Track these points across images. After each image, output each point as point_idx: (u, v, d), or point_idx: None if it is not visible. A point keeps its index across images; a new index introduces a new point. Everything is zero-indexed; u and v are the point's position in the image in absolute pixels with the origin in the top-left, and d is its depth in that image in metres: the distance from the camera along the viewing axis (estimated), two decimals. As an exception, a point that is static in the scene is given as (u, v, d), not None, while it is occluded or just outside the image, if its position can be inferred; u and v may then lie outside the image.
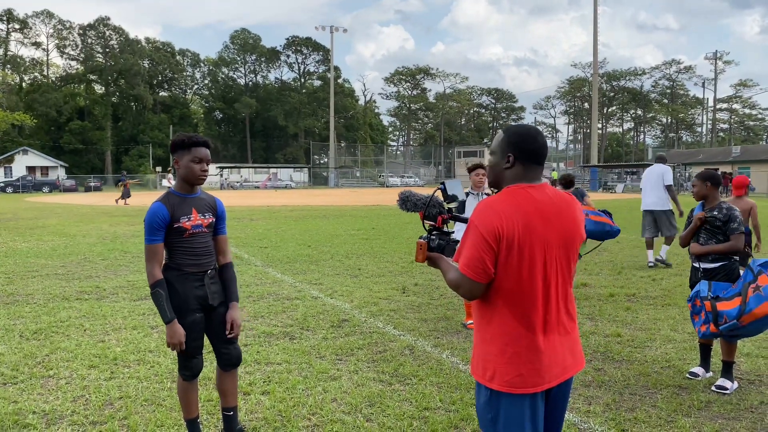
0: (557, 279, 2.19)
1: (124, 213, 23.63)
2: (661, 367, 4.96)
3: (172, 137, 3.30)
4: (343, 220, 19.80)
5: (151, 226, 3.16)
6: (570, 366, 2.25)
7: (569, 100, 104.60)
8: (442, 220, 2.37)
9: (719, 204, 4.75)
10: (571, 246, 2.22)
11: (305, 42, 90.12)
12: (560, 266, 2.20)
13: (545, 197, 2.20)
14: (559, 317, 2.21)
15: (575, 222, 2.24)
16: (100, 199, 38.64)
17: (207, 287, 3.31)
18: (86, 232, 16.15)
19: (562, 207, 2.22)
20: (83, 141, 73.83)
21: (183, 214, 3.22)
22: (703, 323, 4.31)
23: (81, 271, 9.77)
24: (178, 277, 3.24)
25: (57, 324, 6.32)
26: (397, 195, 2.48)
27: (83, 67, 77.95)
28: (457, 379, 4.63)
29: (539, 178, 2.24)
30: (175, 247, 3.23)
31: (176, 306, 3.21)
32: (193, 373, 3.36)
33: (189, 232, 3.24)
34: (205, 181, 3.28)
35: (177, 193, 3.28)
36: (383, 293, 7.97)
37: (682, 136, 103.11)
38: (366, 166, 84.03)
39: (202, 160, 3.22)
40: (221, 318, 3.39)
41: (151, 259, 3.17)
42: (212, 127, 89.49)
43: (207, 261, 3.33)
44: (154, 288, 3.15)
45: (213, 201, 3.42)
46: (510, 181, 2.23)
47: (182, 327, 3.19)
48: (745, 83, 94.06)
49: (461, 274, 2.16)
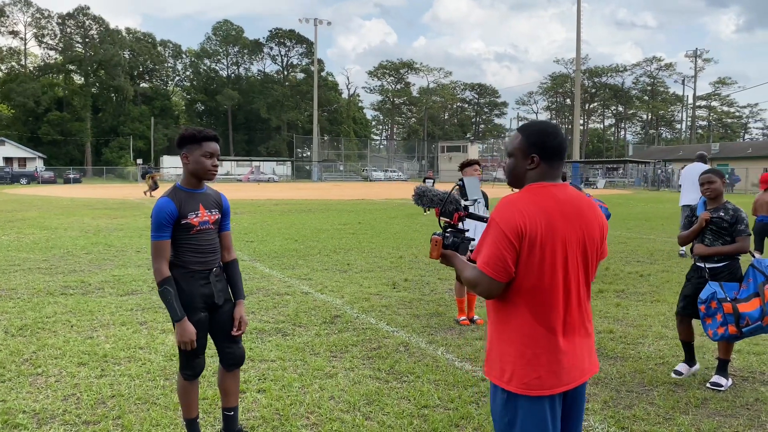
0: (578, 280, 2.16)
1: (106, 206, 23.30)
2: (656, 363, 4.98)
3: (180, 131, 3.18)
4: (328, 215, 19.71)
5: (159, 222, 3.07)
6: (588, 368, 2.23)
7: (551, 96, 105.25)
8: (458, 218, 2.33)
9: (725, 204, 4.65)
10: (590, 247, 2.19)
11: (288, 34, 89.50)
12: (580, 267, 2.17)
13: (567, 197, 2.17)
14: (580, 318, 2.19)
15: (596, 223, 2.22)
16: (80, 191, 38.09)
17: (213, 285, 3.24)
18: (68, 225, 15.88)
19: (583, 208, 2.19)
20: (62, 132, 72.66)
21: (190, 210, 3.14)
22: (720, 325, 4.24)
23: (64, 265, 9.60)
24: (184, 275, 3.16)
25: (43, 320, 6.19)
26: (413, 189, 2.44)
27: (62, 57, 76.56)
28: (454, 377, 4.60)
29: (560, 175, 2.21)
30: (181, 244, 3.15)
31: (182, 305, 3.13)
32: (195, 372, 3.29)
33: (196, 228, 3.16)
34: (215, 176, 3.20)
35: (184, 188, 3.19)
36: (374, 289, 7.93)
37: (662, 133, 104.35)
38: (349, 160, 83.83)
39: (213, 154, 3.15)
40: (226, 316, 3.32)
41: (158, 257, 3.09)
42: (194, 119, 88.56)
43: (213, 258, 3.26)
44: (163, 286, 3.07)
45: (218, 196, 3.34)
46: (533, 180, 2.19)
47: (194, 329, 3.12)
48: (724, 81, 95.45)
49: (480, 272, 2.12)
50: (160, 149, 76.13)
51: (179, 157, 3.21)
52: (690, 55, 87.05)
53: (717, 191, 4.65)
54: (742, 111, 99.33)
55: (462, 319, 6.22)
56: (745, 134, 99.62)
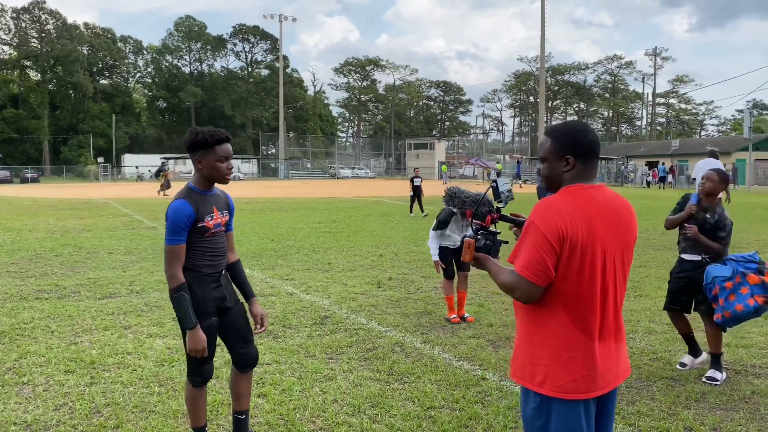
0: (615, 284, 2.15)
1: (70, 206, 22.64)
2: (650, 359, 5.05)
3: (189, 134, 3.03)
4: (302, 213, 19.53)
5: (176, 226, 2.95)
6: (622, 372, 2.22)
7: (515, 94, 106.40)
8: (491, 220, 2.29)
9: (715, 207, 4.72)
10: (627, 250, 2.18)
11: (252, 30, 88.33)
12: (618, 271, 2.16)
13: (605, 199, 2.15)
14: (615, 322, 2.18)
15: (632, 226, 2.21)
16: (40, 191, 36.96)
17: (224, 288, 3.19)
18: (32, 226, 15.37)
19: (620, 210, 2.18)
20: (18, 130, 70.27)
21: (207, 212, 3.06)
22: (750, 297, 4.24)
23: (34, 268, 9.27)
24: (196, 279, 3.06)
25: (20, 326, 5.95)
26: (444, 191, 2.39)
27: (17, 53, 74.00)
28: (455, 376, 4.58)
29: (596, 175, 2.19)
30: (195, 248, 3.04)
31: (194, 309, 3.03)
32: (204, 379, 3.19)
33: (211, 231, 3.08)
34: (230, 179, 3.10)
35: (198, 190, 3.09)
36: (359, 288, 7.86)
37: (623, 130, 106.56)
38: (316, 158, 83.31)
39: (228, 157, 3.05)
40: (237, 317, 3.26)
41: (173, 262, 2.97)
42: (155, 116, 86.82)
43: (222, 261, 3.20)
44: (178, 292, 2.96)
45: (226, 197, 3.27)
46: (570, 182, 2.17)
47: (205, 336, 3.03)
48: (682, 79, 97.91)
49: (519, 276, 2.08)
50: (121, 147, 74.36)
51: (191, 161, 3.10)
52: (649, 54, 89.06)
53: (712, 190, 4.71)
54: (698, 108, 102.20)
55: (453, 317, 6.21)
56: (702, 131, 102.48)
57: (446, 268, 6.22)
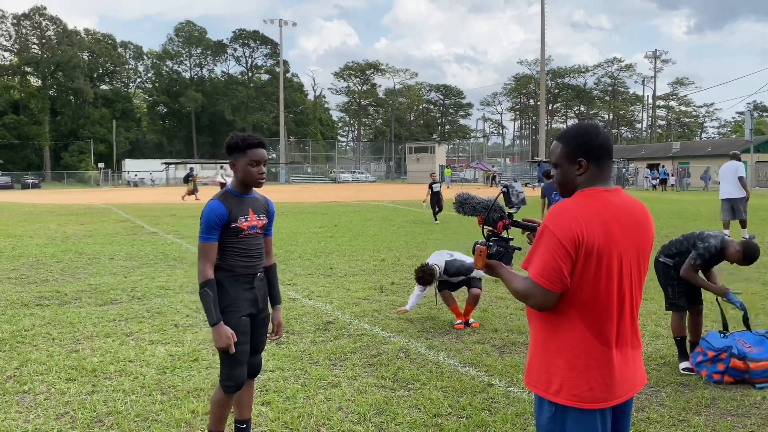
0: (631, 290, 2.10)
1: (71, 212, 22.60)
2: (657, 364, 4.99)
3: (228, 138, 3.16)
4: (302, 218, 19.48)
5: (208, 224, 3.05)
6: (638, 381, 2.17)
7: (515, 97, 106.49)
8: (503, 226, 2.23)
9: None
10: (643, 256, 2.13)
11: (252, 35, 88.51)
12: (634, 277, 2.10)
13: (621, 203, 2.10)
14: (632, 330, 2.13)
15: (650, 231, 2.16)
16: (40, 196, 36.93)
17: (257, 290, 3.21)
18: (33, 232, 15.32)
19: (637, 214, 2.12)
20: (18, 136, 70.38)
21: (241, 214, 3.11)
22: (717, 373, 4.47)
23: (35, 274, 9.22)
24: (229, 278, 3.11)
25: (21, 333, 5.90)
26: (454, 197, 2.33)
27: (18, 59, 74.21)
28: (461, 383, 4.52)
29: (611, 177, 2.14)
30: (228, 248, 3.11)
31: (224, 306, 3.06)
32: (237, 384, 3.16)
33: (245, 232, 3.12)
34: (263, 183, 3.16)
35: (235, 193, 3.17)
36: (361, 293, 7.81)
37: (623, 132, 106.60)
38: (317, 162, 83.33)
39: (260, 161, 3.11)
40: (258, 327, 3.26)
41: (203, 258, 3.04)
42: (156, 121, 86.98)
43: (258, 263, 3.21)
44: (203, 288, 3.01)
45: (266, 202, 3.32)
46: (584, 185, 2.11)
47: (230, 329, 3.04)
48: (682, 81, 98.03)
49: (533, 283, 2.02)
50: (121, 153, 74.43)
51: (228, 165, 3.21)
52: (649, 56, 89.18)
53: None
54: (698, 110, 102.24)
55: (457, 323, 6.15)
56: (702, 133, 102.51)
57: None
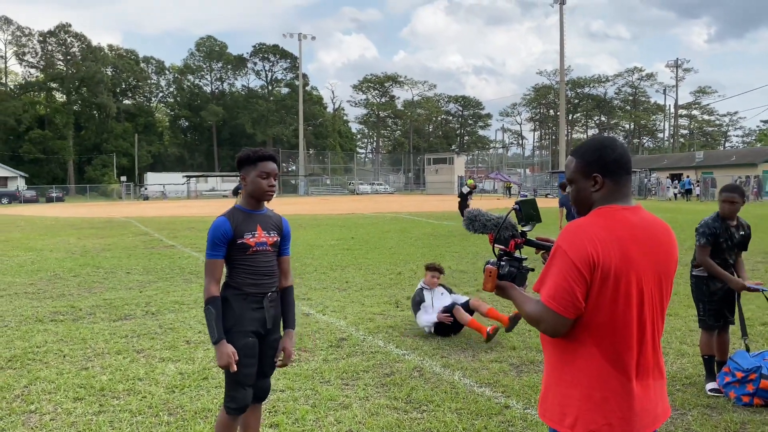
0: (652, 315, 1.94)
1: (91, 225, 22.82)
2: (683, 384, 4.78)
3: (239, 154, 3.13)
4: (320, 230, 19.42)
5: (213, 241, 3.01)
6: (660, 414, 2.00)
7: (534, 107, 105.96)
8: (515, 245, 2.10)
9: (739, 219, 4.76)
10: (666, 278, 1.97)
11: (272, 49, 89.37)
12: (656, 301, 1.95)
13: (641, 222, 1.95)
14: (654, 359, 1.97)
15: (672, 252, 2.00)
16: (63, 210, 37.43)
17: (266, 311, 3.10)
18: (53, 246, 15.45)
19: (659, 233, 1.97)
20: (44, 150, 71.68)
21: (247, 230, 3.04)
22: (746, 395, 4.30)
23: (52, 289, 9.24)
24: (236, 296, 3.03)
25: (33, 350, 5.86)
26: (464, 214, 2.20)
27: (43, 75, 75.75)
28: (476, 405, 4.36)
29: (629, 194, 2.00)
30: (236, 265, 3.05)
31: (229, 326, 2.98)
32: (240, 406, 3.06)
33: (252, 249, 3.04)
34: (273, 196, 3.09)
35: (243, 209, 3.11)
36: (376, 308, 7.67)
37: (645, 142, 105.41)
38: (336, 174, 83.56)
39: (270, 174, 3.05)
40: (267, 349, 3.16)
41: (209, 274, 2.99)
42: (178, 135, 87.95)
43: (268, 282, 3.11)
44: (207, 305, 2.95)
45: (279, 220, 3.23)
46: (600, 202, 1.97)
47: (234, 348, 2.95)
48: (704, 90, 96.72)
49: (545, 307, 1.88)
50: (143, 166, 75.38)
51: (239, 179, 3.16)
52: (670, 65, 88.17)
53: (736, 211, 4.67)
54: (722, 119, 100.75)
55: (489, 328, 5.90)
56: (726, 142, 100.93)
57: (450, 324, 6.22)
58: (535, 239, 2.18)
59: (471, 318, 6.08)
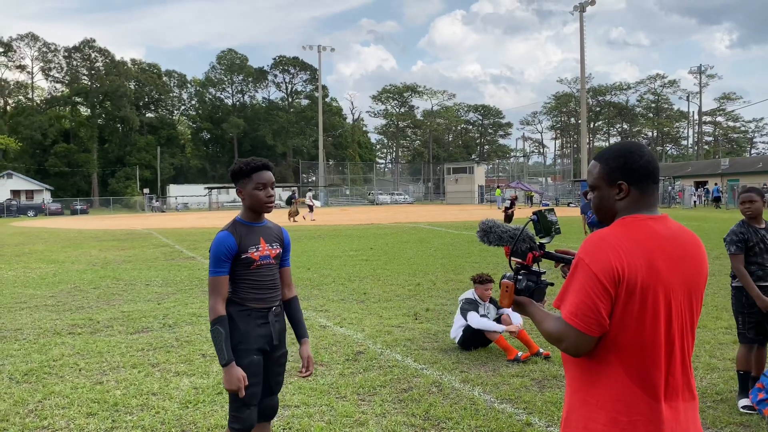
0: (682, 333, 1.80)
1: (113, 237, 23.04)
2: (713, 401, 4.58)
3: (231, 167, 3.08)
4: (338, 240, 19.36)
5: (217, 257, 2.90)
6: None
7: (555, 116, 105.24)
8: (533, 258, 1.97)
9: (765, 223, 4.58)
10: (695, 293, 1.83)
11: (292, 62, 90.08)
12: (686, 317, 1.81)
13: (669, 232, 1.81)
14: (684, 379, 1.82)
15: (702, 265, 1.86)
16: (87, 222, 37.92)
17: (271, 326, 3.01)
18: (75, 258, 15.59)
19: (688, 245, 1.83)
20: (69, 164, 72.90)
21: (251, 244, 2.96)
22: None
23: (72, 301, 9.26)
24: (240, 312, 2.94)
25: (49, 363, 5.84)
26: (478, 225, 2.08)
27: (69, 90, 77.17)
28: (497, 422, 4.21)
29: (657, 204, 1.87)
30: (239, 280, 2.95)
31: (234, 343, 2.88)
32: (244, 427, 2.97)
33: (256, 263, 2.96)
34: (273, 207, 3.00)
35: (244, 222, 3.02)
36: (395, 320, 7.55)
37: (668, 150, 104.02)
38: (355, 184, 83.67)
39: (266, 184, 2.96)
40: (274, 366, 3.07)
41: (214, 293, 2.88)
42: (200, 147, 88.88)
43: (273, 296, 3.03)
44: (214, 325, 2.85)
45: (279, 231, 3.15)
46: (625, 212, 1.85)
47: (244, 373, 2.85)
48: (729, 96, 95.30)
49: (566, 324, 1.76)
50: (166, 178, 76.26)
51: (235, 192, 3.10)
52: (693, 72, 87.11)
53: (758, 210, 4.51)
54: (747, 126, 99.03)
55: (520, 354, 5.70)
56: (752, 149, 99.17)
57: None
58: (555, 252, 2.05)
59: (500, 335, 5.91)
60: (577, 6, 59.85)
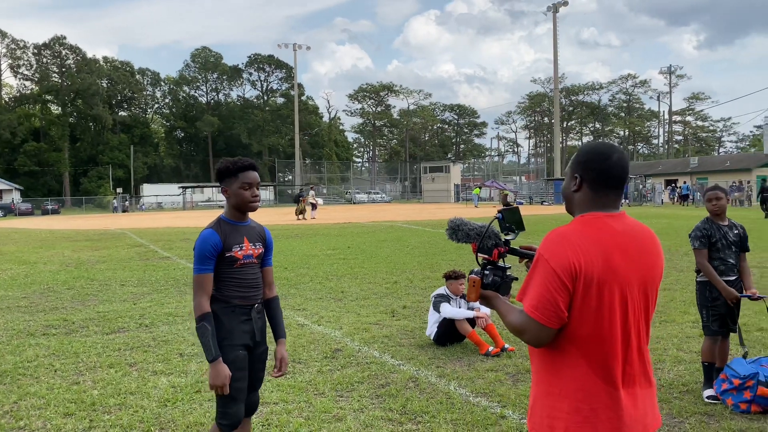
0: (638, 325, 1.91)
1: (86, 237, 22.72)
2: (680, 392, 4.74)
3: (218, 165, 3.11)
4: (316, 240, 19.36)
5: (202, 255, 2.93)
6: (650, 423, 1.96)
7: (529, 115, 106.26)
8: (499, 254, 2.07)
9: (731, 220, 4.77)
10: (651, 286, 1.95)
11: (267, 60, 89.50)
12: (640, 310, 1.92)
13: (626, 229, 1.92)
14: (641, 367, 1.93)
15: (658, 260, 1.97)
16: (59, 222, 37.28)
17: (254, 322, 3.06)
18: (47, 258, 15.36)
19: (644, 241, 1.94)
20: (39, 163, 71.44)
21: (235, 242, 3.00)
22: (744, 402, 4.25)
23: (45, 302, 9.16)
24: (224, 309, 2.99)
25: (24, 364, 5.79)
26: (447, 223, 2.17)
27: (38, 88, 75.65)
28: (472, 415, 4.31)
29: (616, 205, 1.97)
30: (223, 278, 2.99)
31: (220, 339, 2.93)
32: (232, 422, 3.01)
33: (240, 262, 3.00)
34: (258, 207, 3.05)
35: (229, 221, 3.06)
36: (372, 318, 7.63)
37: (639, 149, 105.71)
38: (332, 183, 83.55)
39: (252, 184, 3.01)
40: (256, 362, 3.12)
41: (199, 291, 2.93)
42: (174, 146, 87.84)
43: (255, 294, 3.08)
44: (200, 322, 2.89)
45: (262, 230, 3.20)
46: (580, 207, 1.96)
47: (230, 372, 2.90)
48: (698, 96, 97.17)
49: (527, 317, 1.86)
50: (139, 178, 75.26)
51: (220, 191, 3.11)
52: (663, 72, 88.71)
53: (723, 208, 4.70)
54: (716, 125, 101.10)
55: (491, 349, 5.85)
56: (720, 148, 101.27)
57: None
58: (519, 248, 2.16)
59: (472, 330, 6.04)
60: (550, 6, 60.61)
